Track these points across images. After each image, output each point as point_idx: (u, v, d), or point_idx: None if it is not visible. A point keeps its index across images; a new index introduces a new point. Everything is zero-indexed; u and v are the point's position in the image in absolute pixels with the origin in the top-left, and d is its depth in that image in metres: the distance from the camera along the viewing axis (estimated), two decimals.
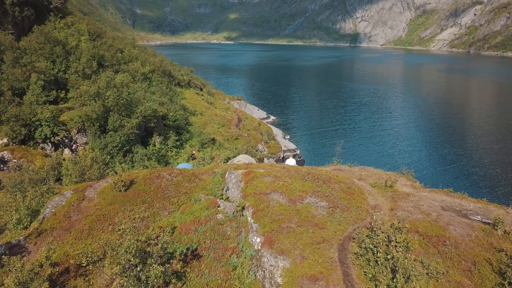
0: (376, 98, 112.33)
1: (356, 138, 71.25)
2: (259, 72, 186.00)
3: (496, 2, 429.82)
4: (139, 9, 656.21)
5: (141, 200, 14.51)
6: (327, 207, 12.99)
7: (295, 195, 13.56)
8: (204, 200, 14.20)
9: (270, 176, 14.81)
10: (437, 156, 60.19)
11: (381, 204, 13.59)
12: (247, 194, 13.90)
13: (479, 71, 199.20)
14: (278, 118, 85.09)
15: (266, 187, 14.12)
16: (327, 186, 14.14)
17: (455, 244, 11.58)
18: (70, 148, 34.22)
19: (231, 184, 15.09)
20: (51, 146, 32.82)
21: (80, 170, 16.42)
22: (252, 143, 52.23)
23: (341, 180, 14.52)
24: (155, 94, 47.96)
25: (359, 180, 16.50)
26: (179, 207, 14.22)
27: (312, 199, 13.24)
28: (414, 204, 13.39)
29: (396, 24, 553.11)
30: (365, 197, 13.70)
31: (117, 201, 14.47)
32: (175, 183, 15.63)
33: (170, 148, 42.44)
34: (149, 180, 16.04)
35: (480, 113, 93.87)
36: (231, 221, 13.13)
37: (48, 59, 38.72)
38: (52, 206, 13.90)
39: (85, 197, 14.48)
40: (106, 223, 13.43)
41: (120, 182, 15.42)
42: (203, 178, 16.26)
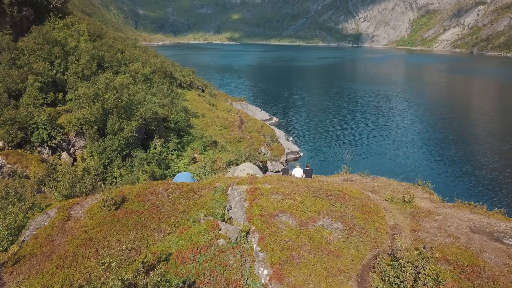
0: (378, 99, 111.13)
1: (360, 140, 70.03)
2: (261, 73, 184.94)
3: (500, 2, 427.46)
4: (141, 9, 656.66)
5: (133, 221, 13.09)
6: (343, 230, 11.69)
7: (306, 216, 12.17)
8: (203, 222, 12.86)
9: (277, 194, 13.45)
10: (446, 160, 58.86)
11: (401, 224, 12.41)
12: (252, 216, 12.50)
13: (483, 71, 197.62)
14: (281, 119, 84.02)
15: (274, 207, 12.70)
16: (341, 204, 12.87)
17: (492, 276, 10.27)
18: (68, 152, 33.27)
19: (234, 202, 13.76)
20: (48, 150, 31.88)
21: (70, 182, 15.31)
22: (255, 145, 51.21)
23: (355, 196, 13.28)
24: (156, 95, 47.00)
25: (372, 192, 15.39)
26: (175, 228, 12.89)
27: (326, 220, 11.96)
28: (438, 224, 12.13)
29: (398, 25, 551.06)
30: (383, 215, 12.49)
31: (106, 221, 13.07)
32: (171, 200, 14.31)
33: (171, 151, 41.48)
34: (143, 197, 14.70)
35: (487, 115, 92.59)
36: (234, 248, 11.69)
37: (46, 60, 37.80)
38: (34, 227, 12.55)
39: (71, 216, 13.17)
40: (92, 248, 12.02)
41: (109, 200, 14.01)
42: (203, 194, 14.98)
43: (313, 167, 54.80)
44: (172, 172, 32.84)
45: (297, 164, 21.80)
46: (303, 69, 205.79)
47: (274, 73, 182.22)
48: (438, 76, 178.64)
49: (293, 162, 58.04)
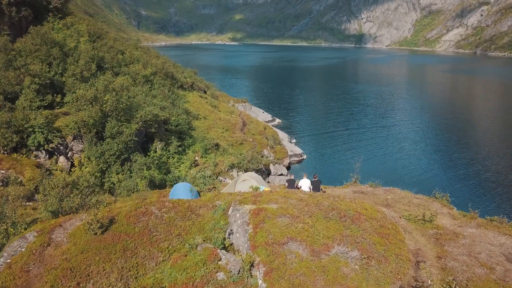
0: (381, 100, 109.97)
1: (363, 141, 68.90)
2: (264, 73, 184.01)
3: (503, 3, 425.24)
4: (144, 10, 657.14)
5: (121, 246, 11.60)
6: (360, 259, 10.36)
7: (318, 243, 10.77)
8: (201, 250, 11.47)
9: (285, 216, 11.96)
10: (455, 165, 57.31)
11: (424, 249, 11.25)
12: (257, 245, 10.98)
13: (486, 72, 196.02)
14: (284, 120, 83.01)
15: (282, 234, 11.20)
16: (357, 227, 11.61)
17: None
18: (65, 156, 32.36)
19: (235, 226, 12.34)
20: (45, 154, 30.97)
21: (58, 197, 14.18)
22: (257, 148, 50.24)
23: (371, 216, 12.04)
24: (156, 97, 46.08)
25: (387, 206, 14.31)
26: (169, 255, 11.50)
27: (341, 248, 10.61)
28: (467, 250, 10.88)
29: (401, 25, 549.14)
30: (402, 237, 11.30)
31: (91, 247, 11.63)
32: (166, 222, 12.94)
33: (172, 155, 40.54)
34: (134, 218, 13.23)
35: (492, 117, 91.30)
36: (236, 284, 10.15)
37: (44, 61, 36.90)
38: (9, 254, 11.01)
39: (51, 241, 11.77)
40: (73, 281, 10.55)
41: (95, 224, 12.57)
42: (201, 213, 13.60)
43: (317, 171, 53.92)
44: (173, 177, 31.89)
45: (304, 174, 20.73)
46: (306, 69, 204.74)
47: (276, 74, 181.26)
48: (442, 76, 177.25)
49: (296, 164, 57.07)
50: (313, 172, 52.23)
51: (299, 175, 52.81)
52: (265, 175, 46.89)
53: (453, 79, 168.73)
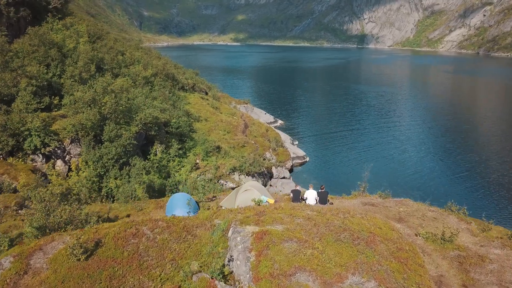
0: (384, 101, 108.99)
1: (366, 143, 67.97)
2: (266, 74, 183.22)
3: (506, 3, 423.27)
4: (146, 10, 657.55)
5: (107, 274, 10.38)
6: None
7: (330, 273, 9.43)
8: (197, 280, 10.24)
9: (292, 241, 10.53)
10: (461, 169, 55.95)
11: (446, 275, 10.14)
12: (261, 277, 9.59)
13: (489, 72, 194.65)
14: (286, 121, 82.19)
15: (288, 262, 9.80)
16: (372, 251, 10.41)
17: None
18: (63, 160, 31.59)
19: (236, 251, 11.03)
20: (41, 157, 30.21)
21: (44, 211, 13.14)
22: (259, 150, 49.41)
23: (387, 237, 10.84)
24: (157, 99, 45.30)
25: (400, 221, 13.37)
26: (161, 284, 10.29)
27: (356, 278, 9.36)
28: (497, 278, 9.69)
29: (403, 25, 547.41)
30: (422, 262, 10.18)
31: (73, 276, 10.43)
32: (158, 244, 11.65)
33: (172, 158, 39.76)
34: (123, 240, 11.93)
35: (498, 118, 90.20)
36: None
37: (42, 62, 36.18)
38: None
39: (29, 268, 10.54)
40: None
41: (78, 249, 11.29)
42: (198, 234, 12.33)
43: (320, 174, 53.07)
44: (173, 182, 31.08)
45: (310, 185, 19.74)
46: (308, 70, 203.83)
47: (278, 74, 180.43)
48: (444, 77, 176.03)
49: (299, 167, 56.18)
50: (317, 177, 51.49)
51: (302, 178, 52.09)
52: (267, 178, 46.05)
53: (456, 80, 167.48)
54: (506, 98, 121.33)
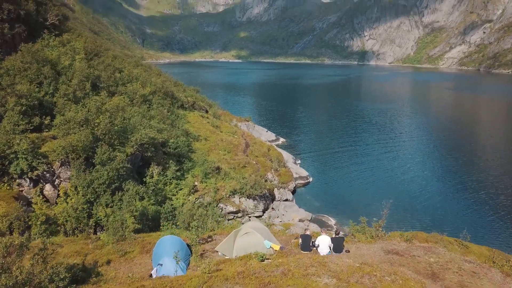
0: (386, 118, 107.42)
1: (370, 162, 66.08)
2: (267, 91, 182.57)
3: (506, 21, 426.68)
4: (149, 28, 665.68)
5: None
6: None
7: None
8: None
9: None
10: (469, 193, 54.16)
11: None
12: None
13: (491, 89, 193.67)
14: (288, 140, 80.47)
15: None
16: None
17: None
18: (52, 184, 29.62)
19: None
20: (29, 182, 28.21)
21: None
22: (261, 171, 47.45)
23: None
24: (154, 118, 43.58)
25: (433, 278, 11.31)
26: None
27: None
28: None
29: (404, 42, 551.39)
30: None
31: None
32: None
33: (169, 180, 37.78)
34: None
35: (504, 137, 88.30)
36: None
37: (34, 80, 34.55)
38: None
39: None
40: None
41: None
42: None
43: (324, 196, 50.94)
44: (168, 209, 28.99)
45: (322, 230, 17.62)
46: (309, 87, 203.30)
47: (280, 91, 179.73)
48: (446, 94, 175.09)
49: (302, 188, 54.06)
50: (321, 199, 49.43)
51: (305, 200, 50.01)
52: (269, 201, 43.96)
53: (458, 97, 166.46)
54: (509, 116, 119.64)
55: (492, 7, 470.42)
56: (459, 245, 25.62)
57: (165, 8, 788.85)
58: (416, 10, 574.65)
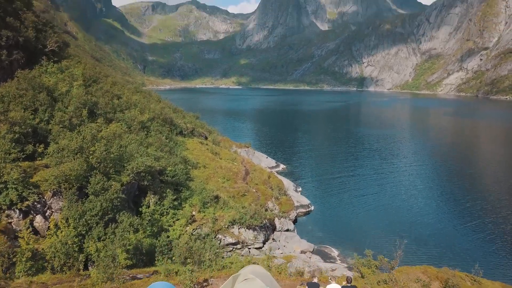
0: (386, 144, 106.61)
1: (371, 188, 64.94)
2: (267, 117, 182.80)
3: (502, 48, 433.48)
4: (150, 55, 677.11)
5: None
6: None
7: None
8: None
9: None
10: (474, 221, 52.88)
11: None
12: None
13: (489, 115, 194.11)
14: (288, 166, 79.29)
15: None
16: None
17: None
18: (43, 215, 28.28)
19: None
20: (18, 213, 26.92)
21: None
22: (261, 200, 46.07)
23: None
24: (152, 145, 42.59)
25: None
26: None
27: None
28: None
29: (402, 69, 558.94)
30: None
31: None
32: None
33: (166, 209, 36.42)
34: None
35: (509, 164, 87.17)
36: None
37: (29, 107, 33.77)
38: None
39: None
40: None
41: None
42: None
43: (326, 225, 49.32)
44: (163, 242, 27.54)
45: (331, 278, 16.21)
46: (309, 113, 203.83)
47: (279, 117, 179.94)
48: (446, 120, 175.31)
49: (304, 217, 52.52)
50: (323, 229, 47.83)
51: (307, 230, 48.40)
52: (270, 231, 42.39)
53: (458, 123, 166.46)
54: (508, 142, 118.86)
55: (488, 35, 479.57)
56: (471, 281, 24.17)
57: (167, 35, 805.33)
58: (413, 38, 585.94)
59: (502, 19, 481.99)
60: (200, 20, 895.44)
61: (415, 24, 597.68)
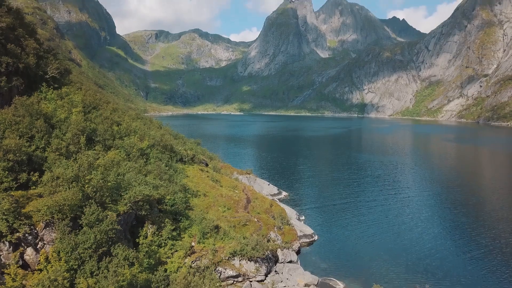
0: (389, 171, 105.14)
1: (375, 215, 63.29)
2: (268, 142, 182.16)
3: (501, 75, 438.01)
4: (153, 82, 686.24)
5: None
6: None
7: None
8: None
9: None
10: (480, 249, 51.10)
11: None
12: None
13: (495, 141, 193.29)
14: (290, 193, 77.75)
15: None
16: None
17: None
18: (34, 247, 26.91)
19: None
20: (8, 246, 25.60)
21: None
22: (263, 230, 44.47)
23: None
24: (151, 173, 41.49)
25: None
26: None
27: None
28: None
29: (402, 95, 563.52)
30: None
31: None
32: None
33: (164, 240, 34.94)
34: None
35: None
36: None
37: (25, 134, 32.93)
38: None
39: None
40: None
41: None
42: None
43: (331, 257, 47.39)
44: (160, 277, 26.03)
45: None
46: (310, 139, 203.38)
47: (281, 143, 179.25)
48: (448, 146, 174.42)
49: (307, 247, 50.70)
50: (328, 260, 45.94)
51: (311, 261, 46.48)
52: (272, 263, 40.62)
53: (460, 149, 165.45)
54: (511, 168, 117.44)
55: (486, 62, 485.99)
56: None
57: (170, 63, 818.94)
58: (413, 65, 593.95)
59: (500, 47, 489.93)
60: (203, 48, 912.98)
61: (414, 52, 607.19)
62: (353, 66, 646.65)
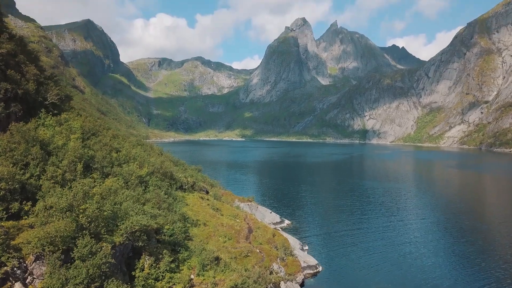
0: (393, 197, 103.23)
1: (380, 243, 61.44)
2: (270, 169, 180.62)
3: (501, 102, 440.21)
4: (155, 108, 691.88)
5: None
6: None
7: None
8: None
9: None
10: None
11: None
12: None
13: (498, 168, 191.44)
14: (293, 221, 75.87)
15: None
16: None
17: None
18: (22, 282, 25.35)
19: None
20: None
21: None
22: (265, 261, 42.64)
23: None
24: (150, 202, 40.14)
25: None
26: None
27: None
28: None
29: (404, 122, 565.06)
30: None
31: None
32: None
33: (162, 273, 33.23)
34: None
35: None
36: None
37: (19, 162, 31.88)
38: None
39: None
40: None
41: None
42: None
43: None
44: None
45: None
46: (312, 165, 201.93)
47: (282, 169, 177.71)
48: (451, 173, 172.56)
49: (311, 279, 48.64)
50: None
51: None
52: None
53: (463, 176, 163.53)
54: None
55: (487, 89, 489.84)
56: None
57: (172, 90, 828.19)
58: (413, 92, 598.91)
59: (499, 74, 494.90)
60: (205, 75, 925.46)
61: (415, 79, 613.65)
62: (354, 93, 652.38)
